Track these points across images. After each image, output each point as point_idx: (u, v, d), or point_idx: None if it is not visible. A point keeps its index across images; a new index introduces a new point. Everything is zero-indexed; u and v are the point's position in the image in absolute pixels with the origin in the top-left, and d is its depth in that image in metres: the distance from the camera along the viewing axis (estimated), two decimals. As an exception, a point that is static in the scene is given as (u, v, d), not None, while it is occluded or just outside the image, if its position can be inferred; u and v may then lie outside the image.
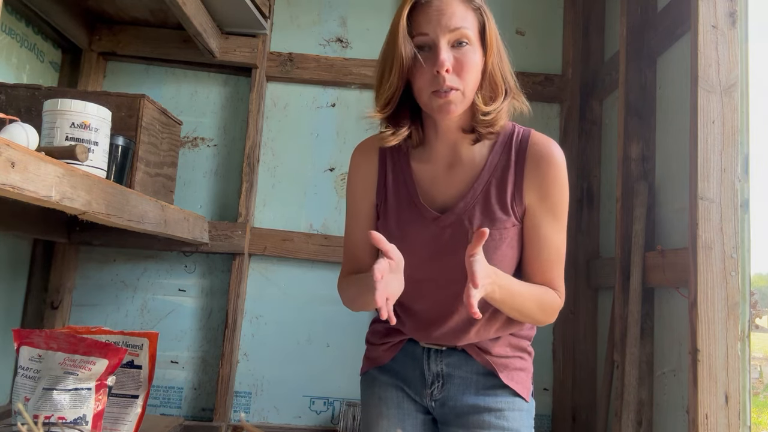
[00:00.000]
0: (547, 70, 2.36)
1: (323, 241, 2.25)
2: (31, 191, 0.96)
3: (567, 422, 2.18)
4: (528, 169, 1.04)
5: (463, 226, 1.04)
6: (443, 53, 0.96)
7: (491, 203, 1.04)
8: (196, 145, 2.34)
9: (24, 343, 1.37)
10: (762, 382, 2.57)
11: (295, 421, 2.21)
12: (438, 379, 1.13)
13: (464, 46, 0.98)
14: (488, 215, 1.04)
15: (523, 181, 1.04)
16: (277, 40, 2.38)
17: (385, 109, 1.03)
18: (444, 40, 0.97)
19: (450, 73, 0.97)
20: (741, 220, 1.43)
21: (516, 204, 1.05)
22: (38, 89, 1.69)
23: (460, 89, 0.98)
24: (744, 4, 1.50)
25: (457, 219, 1.05)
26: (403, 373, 1.16)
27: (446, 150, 1.08)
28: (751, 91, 1.48)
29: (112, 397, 1.46)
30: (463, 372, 1.12)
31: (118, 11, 2.20)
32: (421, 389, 1.14)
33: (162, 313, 2.24)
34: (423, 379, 1.14)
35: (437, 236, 1.06)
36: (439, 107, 0.99)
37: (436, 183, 1.09)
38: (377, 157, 1.13)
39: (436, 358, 1.13)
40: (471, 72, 0.99)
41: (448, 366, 1.12)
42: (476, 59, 0.99)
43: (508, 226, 1.04)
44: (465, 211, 1.05)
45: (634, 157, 1.83)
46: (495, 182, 1.05)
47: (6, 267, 2.04)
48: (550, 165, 1.04)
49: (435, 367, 1.13)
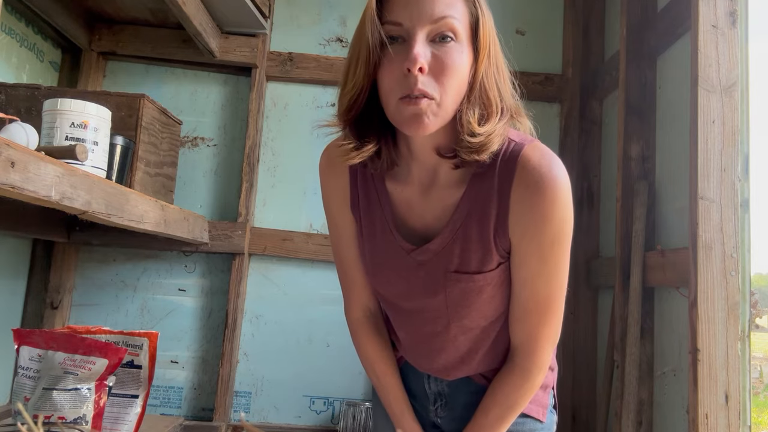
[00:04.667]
0: (547, 69, 2.36)
1: (323, 241, 2.25)
2: (31, 191, 0.96)
3: (567, 422, 2.18)
4: (514, 199, 0.81)
5: (439, 267, 0.87)
6: (418, 46, 0.75)
7: (472, 241, 0.85)
8: (196, 145, 2.34)
9: (24, 343, 1.37)
10: (762, 381, 2.57)
11: (295, 420, 2.21)
12: (440, 398, 1.02)
13: (448, 43, 0.76)
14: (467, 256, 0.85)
15: (507, 212, 0.82)
16: (277, 39, 2.38)
17: (348, 114, 0.82)
18: (422, 32, 0.76)
19: (425, 74, 0.75)
20: (741, 220, 1.43)
21: (500, 240, 0.84)
22: (38, 89, 1.69)
23: (435, 98, 0.76)
24: (744, 3, 1.50)
25: (434, 257, 0.87)
26: (408, 384, 1.05)
27: (423, 171, 0.88)
28: (751, 91, 1.48)
29: (112, 396, 1.46)
30: (466, 393, 0.99)
31: (118, 11, 2.20)
32: (426, 404, 1.04)
33: (162, 312, 2.24)
34: (426, 396, 1.03)
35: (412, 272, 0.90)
36: (408, 119, 0.76)
37: (411, 208, 0.90)
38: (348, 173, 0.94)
39: (436, 379, 1.01)
40: (453, 76, 0.76)
41: (449, 386, 1.01)
42: (462, 61, 0.77)
43: (493, 266, 0.85)
44: (442, 248, 0.87)
45: (634, 156, 1.83)
46: (476, 216, 0.84)
47: (6, 267, 2.04)
48: (542, 195, 0.79)
49: (435, 387, 1.02)
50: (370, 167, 0.88)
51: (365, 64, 0.78)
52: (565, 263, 0.85)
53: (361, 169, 0.92)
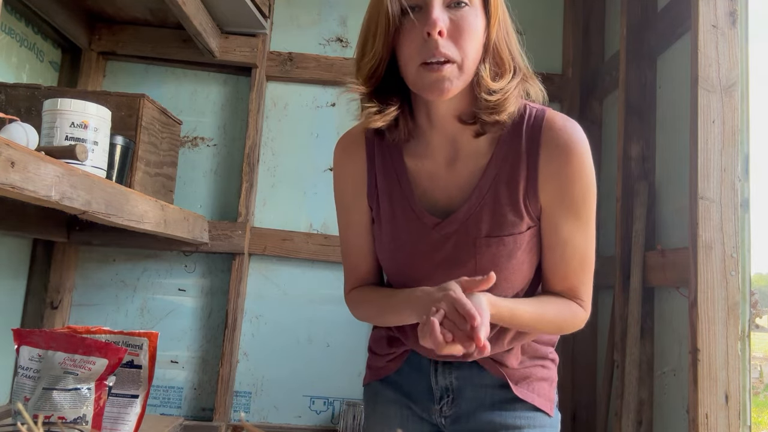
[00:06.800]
0: (547, 69, 2.36)
1: (323, 241, 2.25)
2: (31, 191, 0.96)
3: (567, 422, 2.18)
4: (543, 160, 0.86)
5: (468, 235, 0.88)
6: (436, 11, 0.79)
7: (501, 205, 0.87)
8: (196, 145, 2.34)
9: (24, 343, 1.37)
10: (762, 381, 2.57)
11: (295, 420, 2.21)
12: (447, 393, 0.98)
13: (462, 7, 0.81)
14: (498, 218, 0.87)
15: (537, 174, 0.86)
16: (277, 39, 2.38)
17: (369, 82, 0.86)
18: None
19: (444, 38, 0.79)
20: (741, 220, 1.43)
21: (530, 202, 0.87)
22: (38, 89, 1.69)
23: (456, 60, 0.80)
24: (744, 3, 1.50)
25: (461, 226, 0.88)
26: (408, 387, 1.01)
27: (444, 141, 0.91)
28: (751, 91, 1.48)
29: (112, 396, 1.45)
30: (475, 385, 0.97)
31: (118, 11, 2.20)
32: (429, 405, 0.99)
33: (162, 312, 2.24)
34: (431, 394, 0.99)
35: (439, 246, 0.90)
36: (431, 84, 0.81)
37: (435, 182, 0.91)
38: (364, 152, 0.96)
39: (445, 370, 0.98)
40: (471, 39, 0.81)
41: (458, 379, 0.97)
42: (477, 24, 0.82)
43: (523, 229, 0.88)
44: (470, 216, 0.88)
45: (634, 156, 1.83)
46: (504, 178, 0.87)
47: (6, 267, 2.04)
48: (570, 154, 0.85)
49: (443, 381, 0.98)
50: (388, 137, 0.91)
51: (384, 33, 0.82)
52: (594, 216, 0.90)
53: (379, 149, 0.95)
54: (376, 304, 0.98)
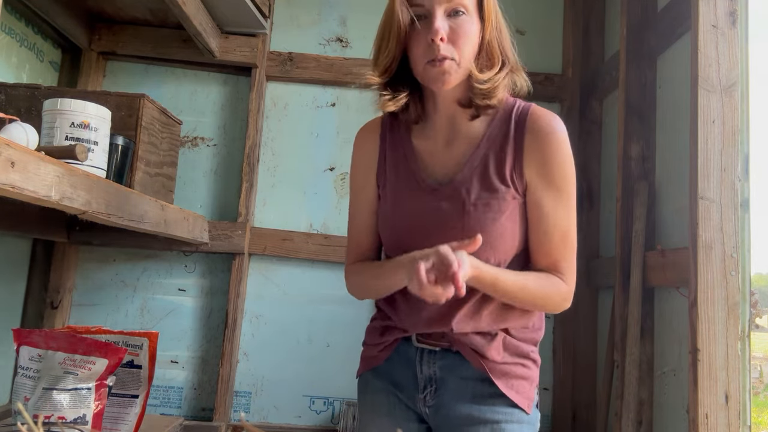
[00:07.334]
0: (548, 69, 2.36)
1: (323, 241, 2.25)
2: (31, 191, 0.96)
3: (567, 421, 2.18)
4: (528, 142, 1.02)
5: (460, 198, 1.02)
6: (438, 21, 0.97)
7: (489, 174, 1.02)
8: (196, 145, 2.34)
9: (24, 343, 1.37)
10: (762, 381, 2.58)
11: (295, 420, 2.21)
12: (431, 383, 1.05)
13: (461, 16, 0.99)
14: (486, 185, 1.02)
15: (522, 154, 1.02)
16: (277, 39, 2.38)
17: (384, 75, 1.04)
18: (440, 10, 0.98)
19: (445, 42, 0.97)
20: (741, 220, 1.43)
21: (516, 177, 1.02)
22: (38, 89, 1.69)
23: (455, 59, 0.98)
24: (744, 3, 1.50)
25: (455, 190, 1.03)
26: (396, 376, 1.09)
27: (445, 124, 1.08)
28: (751, 91, 1.48)
29: (112, 396, 1.46)
30: (457, 377, 1.04)
31: (118, 11, 2.20)
32: (414, 394, 1.07)
33: (162, 312, 2.24)
34: (416, 383, 1.07)
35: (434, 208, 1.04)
36: (434, 77, 0.99)
37: (434, 158, 1.08)
38: (378, 135, 1.14)
39: (429, 359, 1.06)
40: (467, 42, 0.99)
41: (441, 369, 1.05)
42: (473, 29, 0.99)
43: (508, 198, 1.02)
44: (463, 182, 1.03)
45: (634, 156, 1.83)
46: (493, 154, 1.03)
47: (6, 267, 2.04)
48: (551, 137, 1.02)
49: (428, 370, 1.06)
50: (401, 117, 1.10)
51: (396, 37, 1.00)
52: (574, 197, 1.04)
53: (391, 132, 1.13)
54: (370, 271, 1.11)
